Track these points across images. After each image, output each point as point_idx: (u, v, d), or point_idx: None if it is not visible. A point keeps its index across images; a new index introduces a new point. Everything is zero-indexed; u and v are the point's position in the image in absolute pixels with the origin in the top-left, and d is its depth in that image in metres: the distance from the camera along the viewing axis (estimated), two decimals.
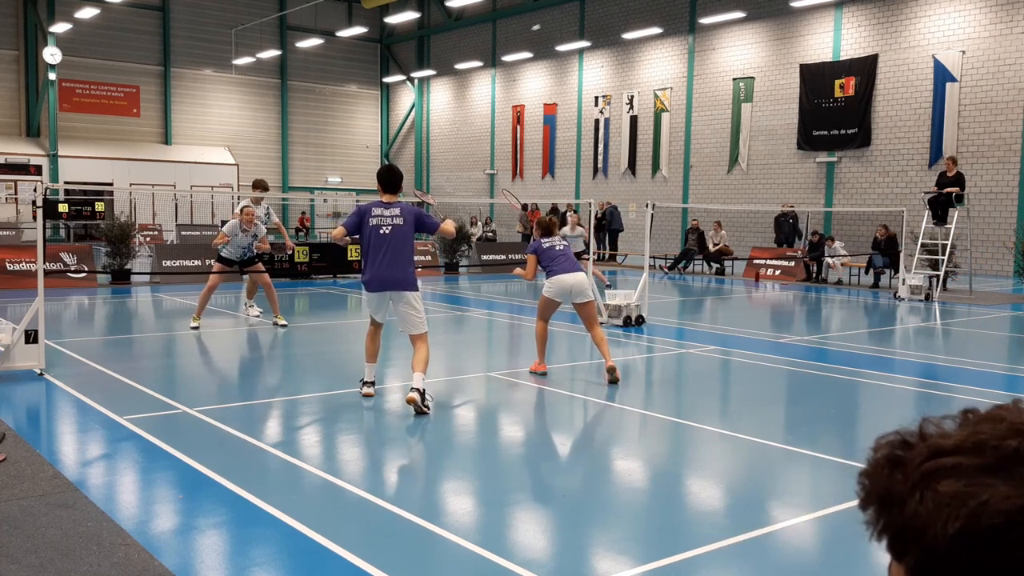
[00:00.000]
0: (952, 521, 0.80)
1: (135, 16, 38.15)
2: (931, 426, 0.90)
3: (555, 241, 8.89)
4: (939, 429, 0.89)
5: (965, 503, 0.80)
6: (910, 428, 0.91)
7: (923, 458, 0.86)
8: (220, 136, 40.82)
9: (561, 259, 8.71)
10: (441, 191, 42.63)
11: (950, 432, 0.88)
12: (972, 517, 0.80)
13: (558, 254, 8.74)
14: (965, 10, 23.65)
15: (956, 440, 0.86)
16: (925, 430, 0.89)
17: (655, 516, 4.94)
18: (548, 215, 9.73)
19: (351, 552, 4.14)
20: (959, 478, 0.82)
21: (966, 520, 0.80)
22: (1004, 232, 23.05)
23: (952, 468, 0.83)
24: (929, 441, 0.87)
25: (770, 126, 28.41)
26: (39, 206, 8.42)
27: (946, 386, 8.76)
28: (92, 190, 33.11)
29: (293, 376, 9.03)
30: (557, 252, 8.75)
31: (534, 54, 36.57)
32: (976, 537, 0.79)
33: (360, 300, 15.84)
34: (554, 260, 8.73)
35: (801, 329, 13.56)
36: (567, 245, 8.92)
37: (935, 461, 0.85)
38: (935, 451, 0.86)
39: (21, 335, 8.14)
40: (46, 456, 5.67)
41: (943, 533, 0.81)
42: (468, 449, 6.29)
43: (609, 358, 8.37)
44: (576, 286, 8.54)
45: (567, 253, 8.79)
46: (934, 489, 0.83)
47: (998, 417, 0.86)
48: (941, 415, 0.90)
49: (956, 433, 0.87)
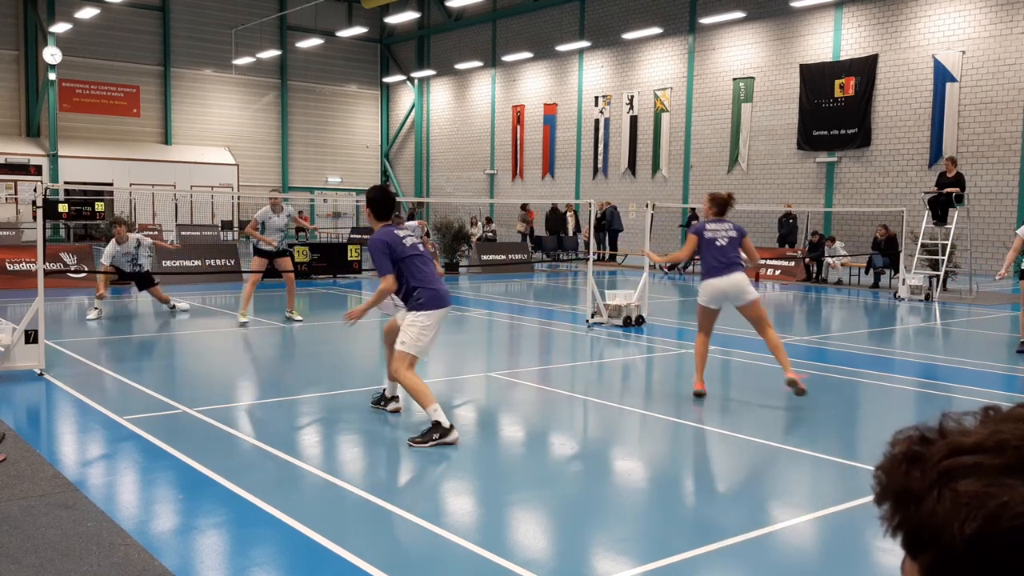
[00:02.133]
0: (970, 521, 0.79)
1: (135, 16, 38.15)
2: (951, 422, 0.87)
3: (720, 231, 7.58)
4: (959, 426, 0.87)
5: (984, 504, 0.79)
6: (929, 424, 0.89)
7: (942, 455, 0.84)
8: (220, 136, 40.83)
9: (719, 255, 7.50)
10: (441, 191, 42.65)
11: (971, 429, 0.86)
12: (991, 518, 0.78)
13: (718, 249, 7.51)
14: (965, 10, 23.65)
15: (977, 438, 0.84)
16: (945, 426, 0.87)
17: (655, 516, 4.94)
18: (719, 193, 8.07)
19: (351, 552, 4.14)
20: (979, 478, 0.80)
21: (984, 521, 0.78)
22: (1004, 232, 23.04)
23: (972, 467, 0.81)
24: (949, 438, 0.85)
25: (770, 126, 28.41)
26: (39, 206, 8.42)
27: (946, 386, 8.76)
28: (92, 190, 33.10)
29: (293, 376, 9.03)
30: (718, 246, 7.52)
31: (534, 54, 36.58)
32: (994, 539, 0.78)
33: (359, 300, 15.84)
34: (711, 254, 7.51)
35: (801, 329, 13.56)
36: (734, 236, 7.62)
37: (954, 459, 0.83)
38: (955, 449, 0.84)
39: (21, 335, 8.14)
40: (46, 456, 5.67)
41: (960, 533, 0.79)
42: (468, 449, 6.29)
43: (789, 368, 7.53)
44: (732, 289, 7.49)
45: (727, 250, 7.53)
46: (953, 488, 0.81)
47: (1020, 416, 0.85)
48: (962, 412, 0.88)
49: (977, 431, 0.85)
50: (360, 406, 7.47)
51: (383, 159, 46.31)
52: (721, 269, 7.46)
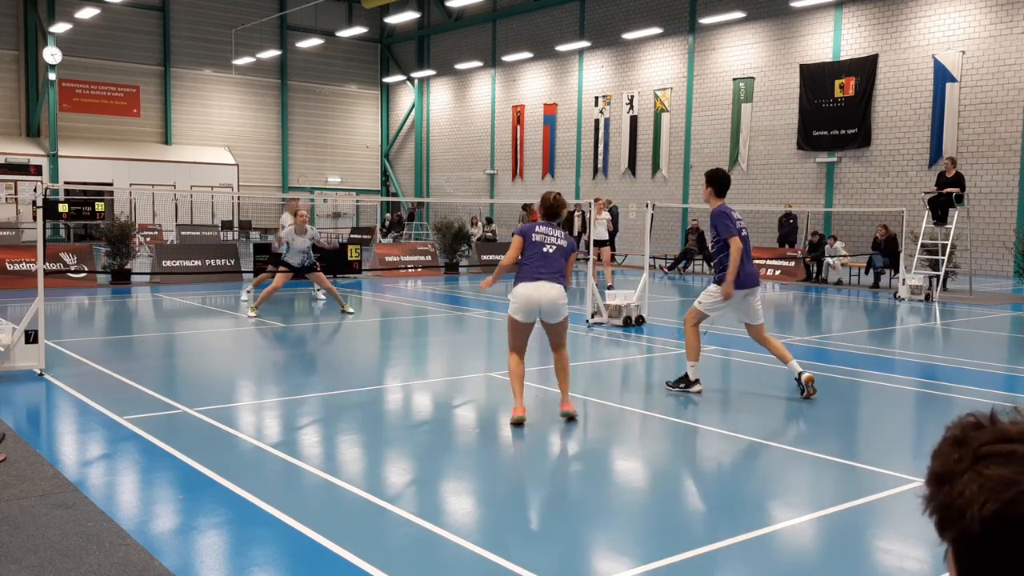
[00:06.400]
0: (989, 504, 0.81)
1: (135, 16, 38.16)
2: (1006, 413, 0.91)
3: (549, 235, 6.82)
4: (1015, 416, 0.90)
5: (1006, 488, 0.81)
6: (985, 411, 0.92)
7: (984, 441, 0.87)
8: (220, 136, 40.83)
9: (542, 264, 6.71)
10: (441, 191, 42.65)
11: (1021, 420, 0.89)
12: (1009, 504, 0.80)
13: (543, 256, 6.75)
14: (965, 10, 23.65)
15: (1022, 428, 0.87)
16: (997, 415, 0.91)
17: (655, 516, 4.94)
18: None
19: (351, 552, 4.14)
20: (1008, 464, 0.83)
21: (1002, 505, 0.81)
22: (1004, 232, 23.05)
23: (1007, 454, 0.84)
24: (998, 426, 0.88)
25: (770, 126, 28.41)
26: (39, 206, 8.42)
27: (946, 386, 8.76)
28: (92, 190, 33.09)
29: (293, 376, 9.03)
30: (544, 252, 6.76)
31: (534, 54, 36.58)
32: (1010, 522, 0.80)
33: (358, 300, 15.85)
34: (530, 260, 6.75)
35: (801, 329, 13.56)
36: (563, 247, 6.83)
37: (993, 446, 0.85)
38: (999, 436, 0.86)
39: (21, 335, 8.14)
40: (46, 456, 5.67)
41: (978, 515, 0.82)
42: (468, 449, 6.29)
43: (566, 399, 6.87)
44: (549, 305, 6.66)
45: (553, 259, 6.75)
46: (982, 472, 0.84)
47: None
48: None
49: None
50: (360, 406, 7.46)
51: (383, 159, 46.31)
52: (541, 277, 6.65)
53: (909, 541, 4.47)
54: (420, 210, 41.28)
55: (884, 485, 5.38)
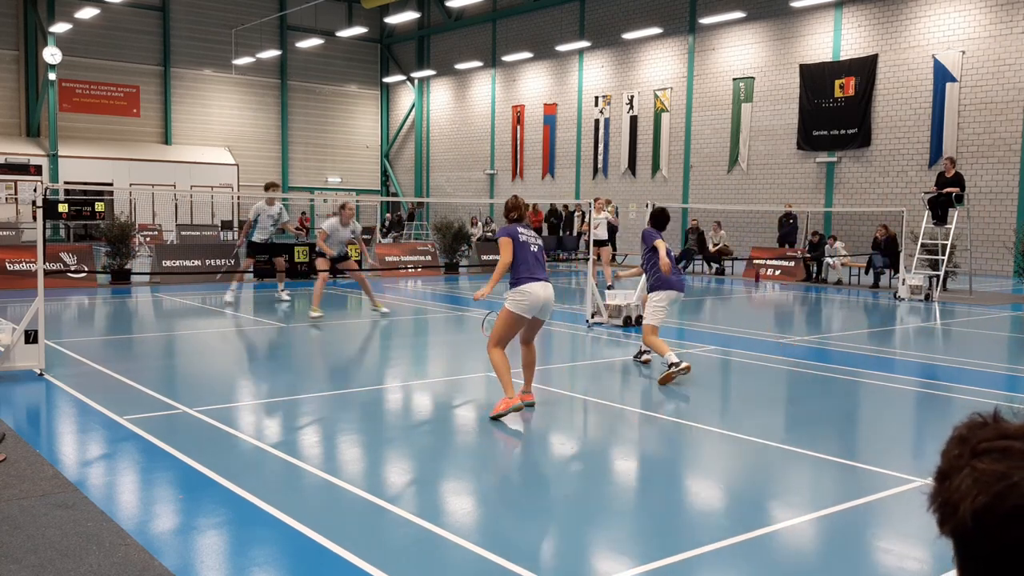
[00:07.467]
0: (980, 497, 0.83)
1: (135, 16, 38.16)
2: (1011, 411, 0.94)
3: (530, 236, 7.10)
4: (1018, 414, 0.92)
5: (997, 482, 0.83)
6: (990, 411, 0.94)
7: (983, 438, 0.88)
8: (220, 136, 40.83)
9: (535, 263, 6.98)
10: (441, 191, 42.64)
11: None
12: (998, 496, 0.82)
13: (534, 255, 7.02)
14: (965, 10, 23.65)
15: (1020, 425, 0.88)
16: (1000, 413, 0.93)
17: (655, 516, 4.93)
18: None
19: (351, 552, 4.14)
20: (1003, 460, 0.85)
21: (992, 498, 0.82)
22: (1004, 232, 23.05)
23: (1002, 450, 0.85)
24: (999, 424, 0.90)
25: (770, 126, 28.41)
26: (39, 206, 8.42)
27: (946, 386, 8.76)
28: (92, 190, 33.09)
29: (293, 376, 9.03)
30: (533, 252, 7.04)
31: (534, 54, 36.59)
32: (999, 515, 0.82)
33: (360, 300, 15.84)
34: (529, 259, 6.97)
35: (801, 329, 13.56)
36: (541, 246, 7.19)
37: (991, 442, 0.87)
38: (998, 433, 0.88)
39: (21, 335, 8.14)
40: (46, 456, 5.67)
41: (970, 508, 0.84)
42: (468, 449, 6.29)
43: (529, 389, 7.24)
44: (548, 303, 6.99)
45: (540, 258, 7.08)
46: (976, 467, 0.85)
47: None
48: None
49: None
50: (360, 406, 7.47)
51: (383, 159, 46.32)
52: (540, 277, 6.88)
53: (909, 541, 4.47)
54: (420, 210, 41.28)
55: (884, 485, 5.37)
